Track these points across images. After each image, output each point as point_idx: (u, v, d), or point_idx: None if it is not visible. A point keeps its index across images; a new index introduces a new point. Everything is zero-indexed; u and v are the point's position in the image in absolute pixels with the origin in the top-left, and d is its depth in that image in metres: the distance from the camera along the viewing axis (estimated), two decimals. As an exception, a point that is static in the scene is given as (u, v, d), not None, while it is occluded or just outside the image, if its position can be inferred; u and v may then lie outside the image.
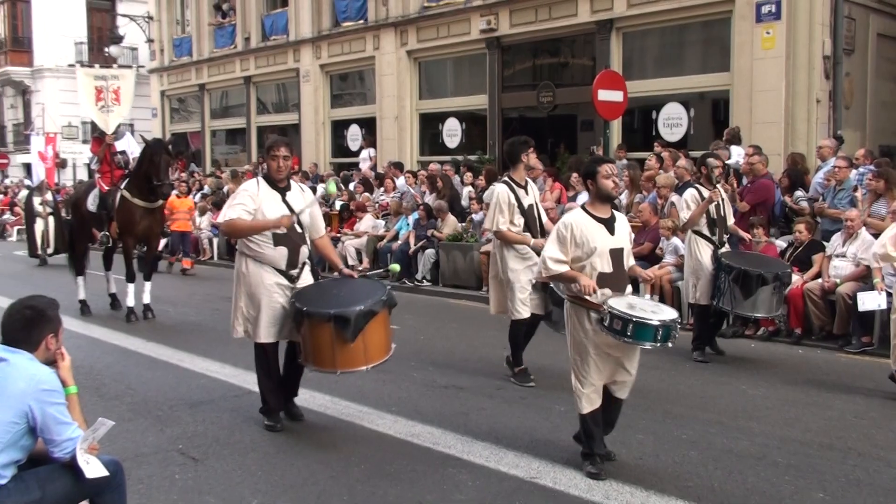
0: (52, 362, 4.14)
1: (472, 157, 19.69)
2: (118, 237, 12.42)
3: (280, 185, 6.81)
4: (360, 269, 15.06)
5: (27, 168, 39.76)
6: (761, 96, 15.25)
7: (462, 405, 7.61)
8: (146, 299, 12.43)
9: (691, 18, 16.81)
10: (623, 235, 5.91)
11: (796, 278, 10.41)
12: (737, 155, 13.62)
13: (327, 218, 18.17)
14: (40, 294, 4.32)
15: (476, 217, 15.59)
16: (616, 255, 5.76)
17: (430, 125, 22.71)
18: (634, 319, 5.40)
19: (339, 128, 25.40)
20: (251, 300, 6.79)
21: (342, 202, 18.98)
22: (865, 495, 5.47)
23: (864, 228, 10.32)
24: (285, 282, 6.77)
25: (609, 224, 5.80)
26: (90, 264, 13.78)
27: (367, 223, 17.60)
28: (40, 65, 39.89)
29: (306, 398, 7.76)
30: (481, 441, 6.52)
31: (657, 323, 5.45)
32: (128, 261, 12.41)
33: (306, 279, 6.91)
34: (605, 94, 14.33)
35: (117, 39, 31.91)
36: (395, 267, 9.41)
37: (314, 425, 7.05)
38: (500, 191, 8.33)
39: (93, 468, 3.95)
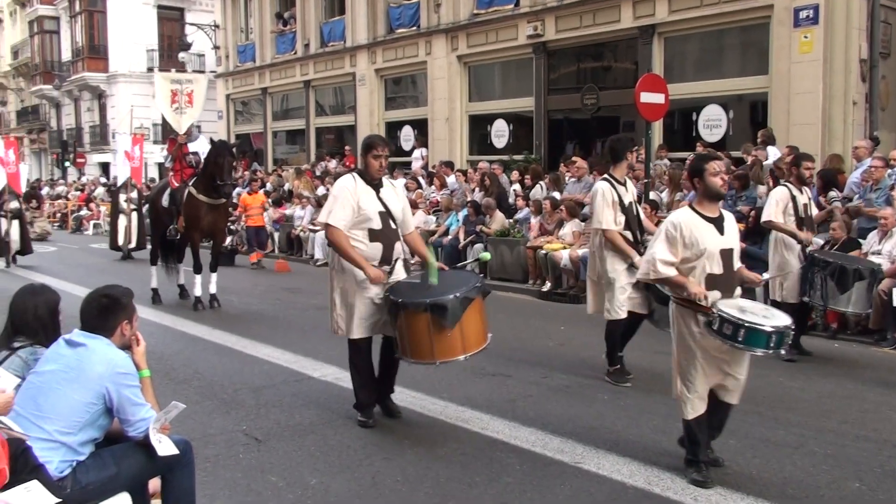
0: (127, 347, 4.19)
1: (519, 157, 19.64)
2: (185, 231, 12.62)
3: (374, 182, 6.57)
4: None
5: (103, 167, 40.53)
6: (799, 98, 15.00)
7: (510, 392, 7.58)
8: (213, 289, 12.56)
9: (731, 23, 16.57)
10: (733, 235, 5.47)
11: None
12: (773, 155, 13.42)
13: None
14: (116, 283, 4.38)
15: (521, 215, 15.55)
16: (726, 255, 5.33)
17: (479, 126, 22.66)
18: (746, 325, 4.99)
19: (392, 129, 25.43)
20: (344, 296, 6.53)
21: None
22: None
23: (901, 226, 10.11)
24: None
25: (718, 223, 5.36)
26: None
27: (419, 219, 17.61)
28: (115, 71, 40.50)
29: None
30: (528, 427, 6.49)
31: (770, 329, 5.04)
32: (195, 253, 12.58)
33: (399, 274, 6.59)
34: (647, 97, 14.17)
35: (186, 46, 32.34)
36: (486, 255, 9.04)
37: (369, 409, 7.06)
38: (603, 188, 7.86)
39: (164, 447, 4.00)
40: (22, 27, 49.97)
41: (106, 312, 4.12)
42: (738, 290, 5.46)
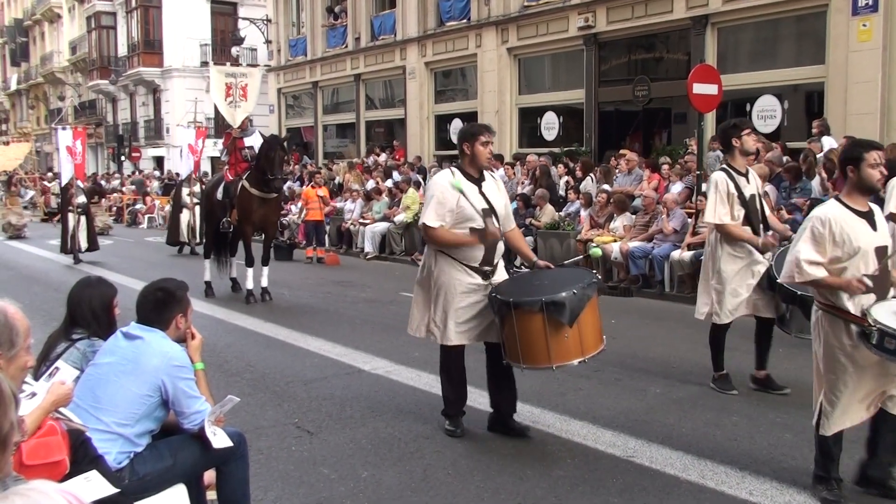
0: (182, 340, 4.25)
1: (569, 150, 19.54)
2: (238, 224, 12.76)
3: (475, 176, 6.01)
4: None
5: (158, 161, 41.14)
6: (857, 88, 14.71)
7: (560, 386, 7.54)
8: (264, 283, 12.69)
9: (787, 12, 16.33)
10: (884, 230, 4.86)
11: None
12: (829, 145, 13.20)
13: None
14: (171, 277, 4.45)
15: (571, 208, 15.46)
16: (881, 253, 4.72)
17: (529, 119, 22.61)
18: None
19: (442, 122, 25.47)
20: (439, 299, 5.99)
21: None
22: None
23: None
24: (479, 279, 5.96)
25: (870, 218, 4.77)
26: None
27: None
28: (169, 65, 41.13)
29: (411, 377, 7.85)
30: (579, 420, 6.47)
31: None
32: (247, 246, 12.71)
33: (500, 275, 6.14)
34: (699, 88, 14.00)
35: (238, 41, 32.69)
36: (597, 251, 8.20)
37: (419, 402, 7.08)
38: (718, 179, 7.07)
39: (219, 439, 4.05)
40: (80, 23, 50.90)
41: (161, 306, 4.18)
42: (893, 291, 4.83)
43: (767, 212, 7.41)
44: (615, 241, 13.51)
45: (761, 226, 7.17)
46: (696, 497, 5.01)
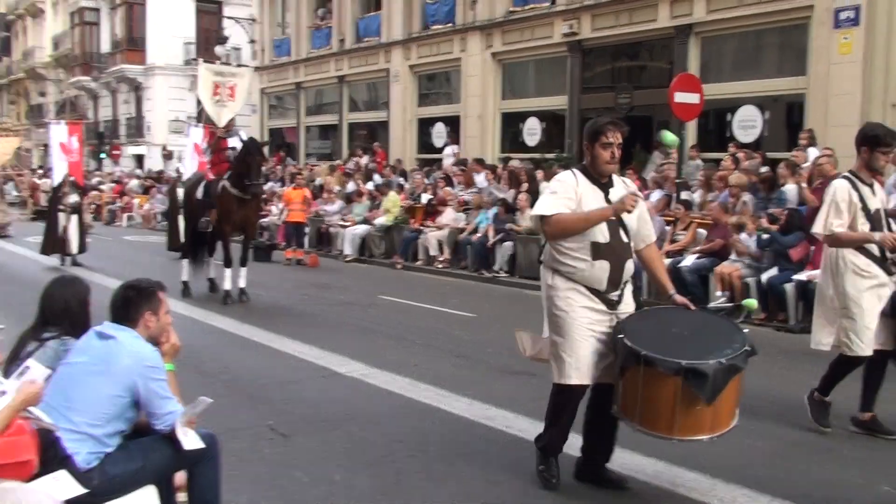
0: (155, 340, 4.24)
1: (550, 156, 19.63)
2: (217, 224, 12.73)
3: (602, 181, 5.06)
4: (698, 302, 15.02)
5: (138, 159, 40.92)
6: (837, 100, 14.85)
7: (535, 391, 7.53)
8: (242, 283, 12.66)
9: (769, 24, 16.49)
10: None
11: None
12: (813, 157, 13.33)
13: (412, 211, 18.32)
14: (145, 277, 4.44)
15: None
16: None
17: (512, 124, 22.70)
18: None
19: (424, 125, 25.51)
20: (555, 326, 5.04)
21: (429, 196, 19.02)
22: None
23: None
24: (602, 306, 4.97)
25: None
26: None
27: (449, 216, 17.64)
28: (152, 63, 40.91)
29: (387, 380, 7.86)
30: (552, 427, 6.49)
31: None
32: (226, 247, 12.69)
33: (628, 304, 5.10)
34: (681, 96, 14.13)
35: (223, 40, 32.57)
36: (752, 303, 6.95)
37: (394, 406, 7.10)
38: (838, 186, 6.23)
39: (190, 440, 4.04)
40: (63, 18, 50.53)
41: (129, 303, 4.16)
42: None
43: (895, 227, 6.34)
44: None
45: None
46: (665, 502, 5.06)
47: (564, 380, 5.00)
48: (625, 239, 5.00)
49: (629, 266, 5.02)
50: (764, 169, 13.51)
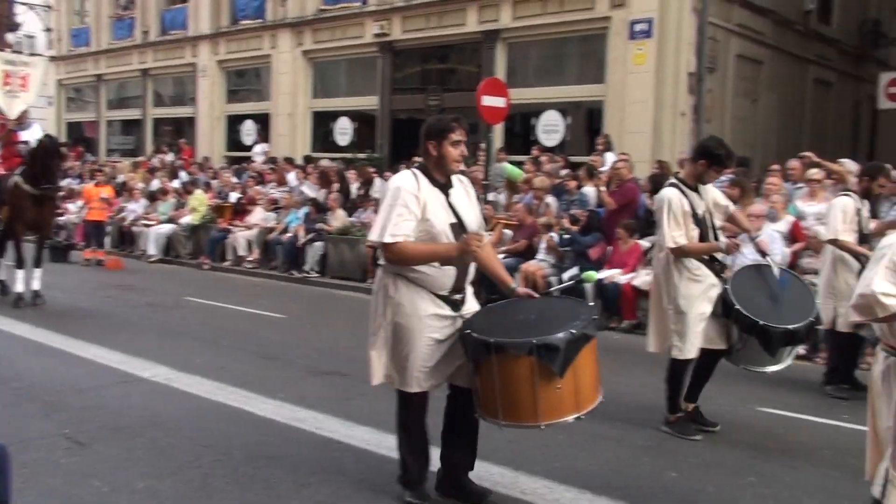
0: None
1: (362, 156, 19.71)
2: (8, 223, 11.98)
3: (442, 181, 4.83)
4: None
5: None
6: (632, 108, 15.72)
7: (345, 391, 7.60)
8: (36, 286, 11.96)
9: (571, 32, 17.22)
10: None
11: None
12: (611, 160, 14.01)
13: (220, 210, 17.93)
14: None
15: (363, 213, 15.60)
16: None
17: (323, 123, 22.63)
18: None
19: (233, 122, 25.02)
20: (400, 335, 4.77)
21: (237, 195, 18.65)
22: (717, 474, 5.71)
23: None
24: (447, 311, 4.79)
25: None
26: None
27: (258, 216, 17.37)
28: (-68, 49, 37.96)
29: (192, 384, 7.67)
30: (363, 425, 6.51)
31: None
32: (17, 247, 11.95)
33: (471, 304, 4.98)
34: (488, 100, 14.53)
35: (14, 27, 30.70)
36: (593, 274, 6.88)
37: (200, 409, 6.93)
38: (671, 197, 6.30)
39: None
40: None
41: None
42: None
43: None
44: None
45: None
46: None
47: (408, 387, 4.80)
48: None
49: (472, 268, 4.92)
50: (564, 172, 14.08)
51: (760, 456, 6.09)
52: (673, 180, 6.56)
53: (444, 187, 4.81)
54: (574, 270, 11.70)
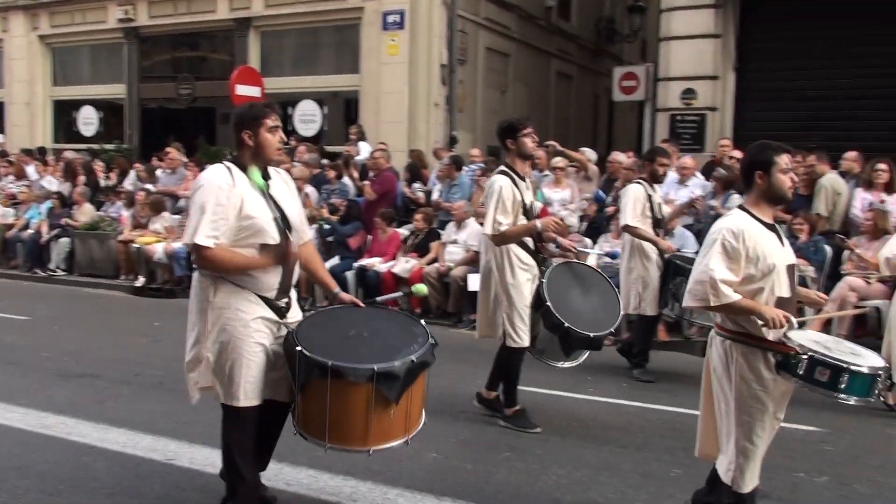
0: None
1: (110, 147, 18.79)
2: None
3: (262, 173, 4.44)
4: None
5: None
6: (387, 98, 15.95)
7: (98, 393, 7.26)
8: None
9: (325, 22, 17.21)
10: (789, 246, 4.26)
11: (414, 263, 11.12)
12: (365, 150, 14.15)
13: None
14: None
15: (112, 207, 14.87)
16: (791, 272, 4.12)
17: (65, 112, 21.33)
18: (852, 368, 3.85)
19: (-38, 112, 23.04)
20: (224, 344, 4.29)
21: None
22: (475, 451, 5.95)
23: (472, 218, 11.12)
24: (272, 315, 4.38)
25: (777, 232, 4.15)
26: None
27: (-5, 212, 16.14)
28: None
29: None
30: (118, 428, 6.26)
31: (869, 372, 3.90)
32: None
33: (296, 311, 4.56)
34: (243, 89, 14.31)
35: None
36: (422, 287, 6.35)
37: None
38: (502, 184, 6.27)
39: None
40: None
41: None
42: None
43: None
44: (159, 241, 13.30)
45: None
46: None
47: (235, 401, 4.32)
48: (291, 239, 4.43)
49: (297, 269, 4.55)
50: (325, 161, 14.09)
51: (514, 432, 6.41)
52: (502, 167, 6.52)
53: (263, 179, 4.39)
54: (335, 260, 11.76)
